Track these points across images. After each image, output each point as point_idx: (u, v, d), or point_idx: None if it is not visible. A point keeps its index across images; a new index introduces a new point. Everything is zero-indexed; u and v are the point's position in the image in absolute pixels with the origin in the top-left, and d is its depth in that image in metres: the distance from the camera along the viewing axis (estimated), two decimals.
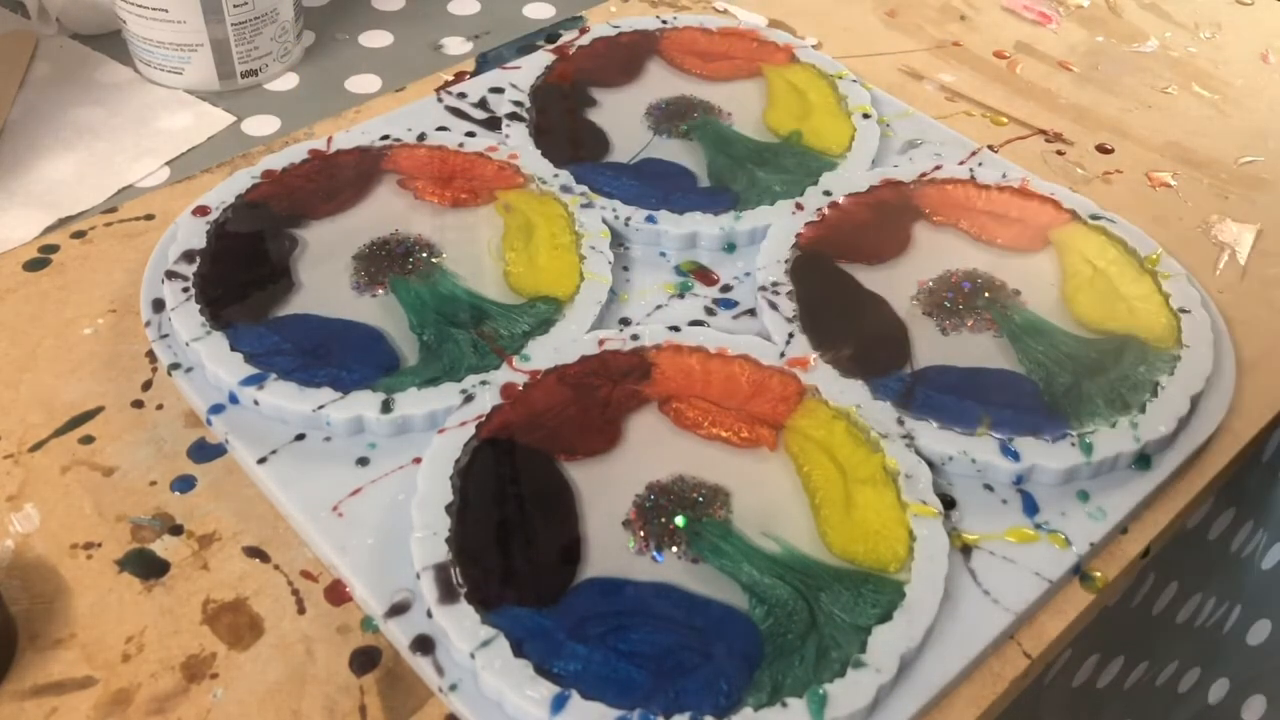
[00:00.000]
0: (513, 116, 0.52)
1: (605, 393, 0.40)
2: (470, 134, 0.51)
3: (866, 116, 0.53)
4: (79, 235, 0.47)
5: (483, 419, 0.38)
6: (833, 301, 0.44)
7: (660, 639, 0.33)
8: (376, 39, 0.62)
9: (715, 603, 0.34)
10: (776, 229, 0.47)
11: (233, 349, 0.40)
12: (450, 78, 0.56)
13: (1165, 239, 0.48)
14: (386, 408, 0.38)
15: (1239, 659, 0.54)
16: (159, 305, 0.42)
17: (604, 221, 0.46)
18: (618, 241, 0.46)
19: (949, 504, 0.38)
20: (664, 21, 0.59)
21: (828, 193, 0.48)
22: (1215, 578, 0.50)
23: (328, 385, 0.39)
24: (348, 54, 0.61)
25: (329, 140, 0.50)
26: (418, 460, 0.37)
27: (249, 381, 0.39)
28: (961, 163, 0.51)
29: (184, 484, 0.38)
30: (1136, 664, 0.48)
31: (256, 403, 0.39)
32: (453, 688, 0.32)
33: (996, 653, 0.35)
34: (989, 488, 0.38)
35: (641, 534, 0.36)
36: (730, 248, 0.47)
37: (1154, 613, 0.46)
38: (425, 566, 0.34)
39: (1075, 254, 0.47)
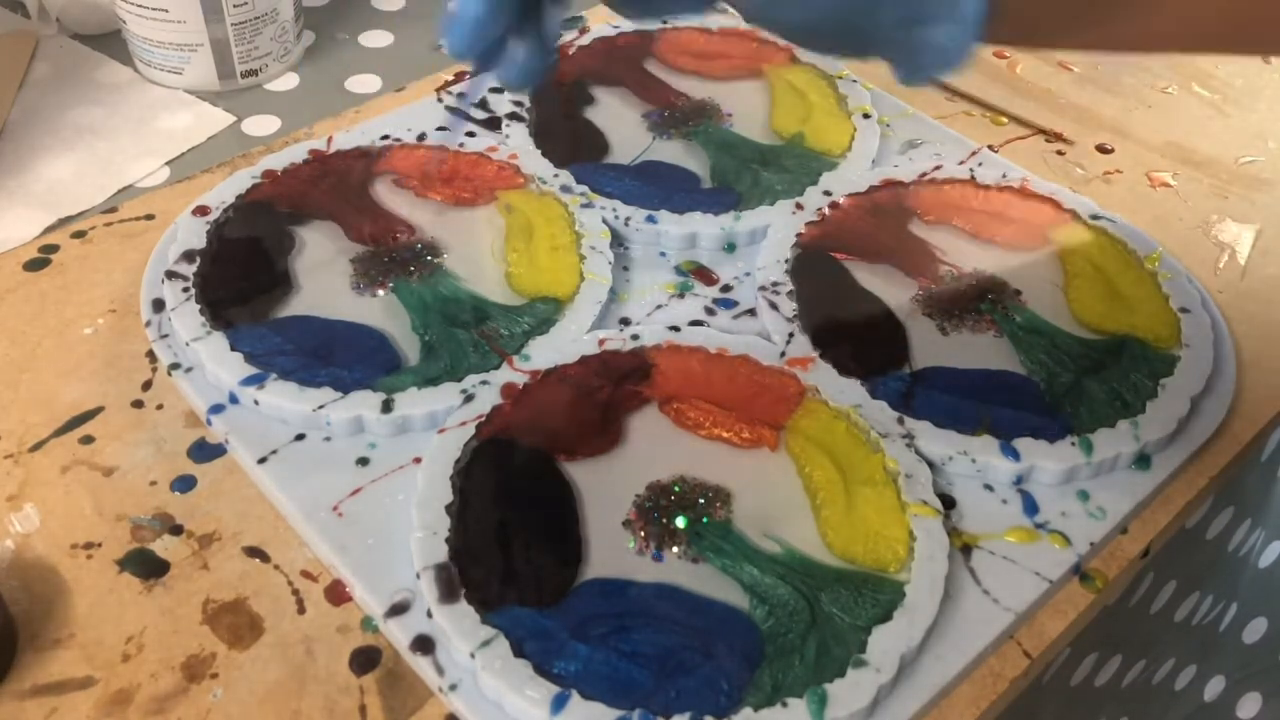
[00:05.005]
0: (513, 116, 0.52)
1: (606, 393, 0.40)
2: (470, 134, 0.51)
3: (866, 116, 0.53)
4: (79, 235, 0.47)
5: (483, 419, 0.38)
6: (833, 301, 0.44)
7: (661, 639, 0.33)
8: (376, 39, 0.62)
9: (716, 603, 0.34)
10: (776, 229, 0.47)
11: (233, 349, 0.40)
12: (450, 78, 0.56)
13: (1165, 239, 0.48)
14: (387, 408, 0.38)
15: (1235, 656, 0.54)
16: (159, 305, 0.42)
17: (604, 221, 0.46)
18: (618, 241, 0.46)
19: (949, 504, 0.38)
20: (664, 21, 0.59)
21: (828, 193, 0.48)
22: (1212, 576, 0.50)
23: (328, 385, 0.39)
24: (348, 54, 0.60)
25: (329, 140, 0.49)
26: (418, 460, 0.37)
27: (249, 381, 0.39)
28: (961, 163, 0.51)
29: (184, 484, 0.38)
30: (1134, 662, 0.48)
31: (257, 403, 0.39)
32: (453, 688, 0.32)
33: (996, 653, 0.35)
34: (989, 488, 0.38)
35: (642, 534, 0.36)
36: (730, 248, 0.47)
37: (1151, 611, 0.46)
38: (425, 566, 0.34)
39: (1076, 254, 0.46)
